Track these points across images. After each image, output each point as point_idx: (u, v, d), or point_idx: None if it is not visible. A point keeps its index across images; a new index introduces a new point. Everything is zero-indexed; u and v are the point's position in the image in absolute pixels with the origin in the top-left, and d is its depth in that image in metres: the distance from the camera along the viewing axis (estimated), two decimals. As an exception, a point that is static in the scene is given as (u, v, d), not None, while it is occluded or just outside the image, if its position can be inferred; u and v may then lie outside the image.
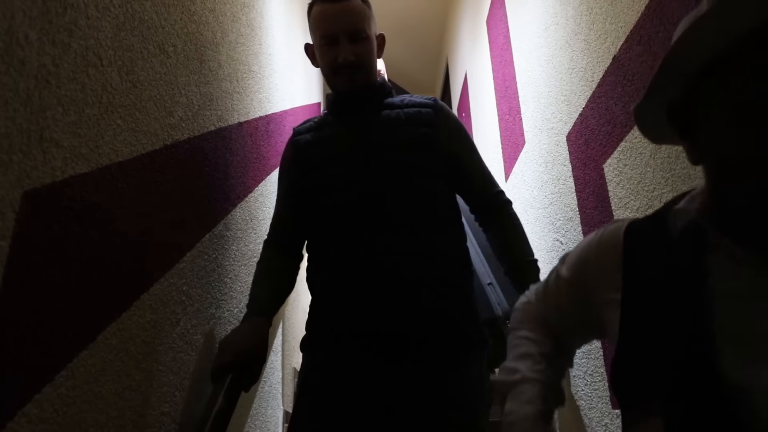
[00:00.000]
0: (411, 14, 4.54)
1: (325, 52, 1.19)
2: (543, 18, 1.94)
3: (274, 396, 1.83)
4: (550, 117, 1.89)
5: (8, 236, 0.52)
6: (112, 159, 0.73)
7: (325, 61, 1.20)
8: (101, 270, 0.69)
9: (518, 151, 2.34)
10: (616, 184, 1.40)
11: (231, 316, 1.31)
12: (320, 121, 1.27)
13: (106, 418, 0.69)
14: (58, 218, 0.61)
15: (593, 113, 1.52)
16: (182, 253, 0.99)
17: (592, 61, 1.51)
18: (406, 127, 1.17)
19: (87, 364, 0.65)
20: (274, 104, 2.02)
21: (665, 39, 1.14)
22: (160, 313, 0.87)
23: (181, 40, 1.02)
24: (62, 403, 0.60)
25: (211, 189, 1.18)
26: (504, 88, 2.58)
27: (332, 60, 1.18)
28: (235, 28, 1.47)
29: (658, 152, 1.19)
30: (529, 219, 2.17)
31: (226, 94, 1.34)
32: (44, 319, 0.57)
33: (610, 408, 1.42)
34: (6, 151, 0.53)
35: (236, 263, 1.37)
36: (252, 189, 1.57)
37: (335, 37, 1.17)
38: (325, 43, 1.18)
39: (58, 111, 0.62)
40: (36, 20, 0.58)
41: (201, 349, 1.06)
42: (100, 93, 0.71)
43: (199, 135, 1.11)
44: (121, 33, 0.78)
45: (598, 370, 1.50)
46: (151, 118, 0.87)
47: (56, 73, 0.61)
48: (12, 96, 0.54)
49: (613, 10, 1.38)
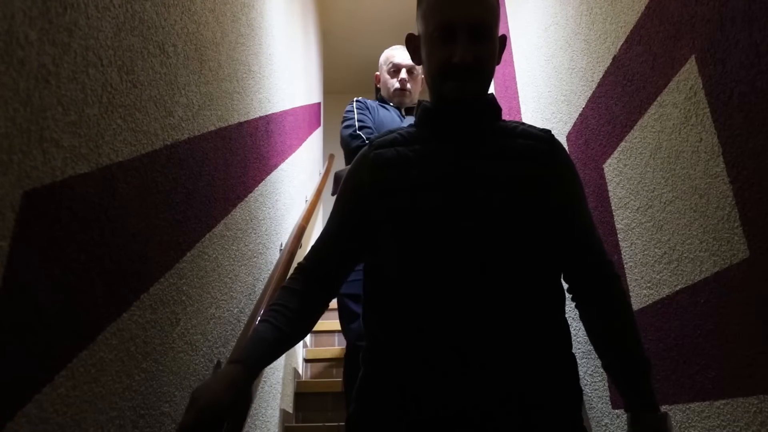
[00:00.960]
0: (411, 14, 4.53)
1: (438, 47, 0.93)
2: (543, 18, 1.94)
3: (274, 396, 1.83)
4: (550, 117, 1.89)
5: (8, 236, 0.52)
6: (112, 159, 0.73)
7: (435, 58, 0.93)
8: (101, 270, 0.69)
9: (518, 151, 2.34)
10: (616, 184, 1.40)
11: (231, 316, 1.31)
12: (408, 135, 1.00)
13: (106, 418, 0.69)
14: (58, 218, 0.61)
15: (593, 113, 1.52)
16: (182, 253, 0.99)
17: (592, 61, 1.51)
18: None
19: (87, 364, 0.65)
20: (274, 104, 2.02)
21: (665, 39, 1.14)
22: (160, 313, 0.87)
23: (181, 40, 1.02)
24: (62, 403, 0.60)
25: (211, 189, 1.18)
26: (504, 88, 2.58)
27: (445, 59, 0.92)
28: (236, 28, 1.47)
29: (658, 152, 1.19)
30: (529, 219, 2.17)
31: (226, 94, 1.34)
32: (44, 319, 0.57)
33: (610, 408, 1.42)
34: (6, 151, 0.53)
35: (236, 263, 1.37)
36: (252, 189, 1.57)
37: (453, 30, 0.91)
38: (439, 36, 0.92)
39: (58, 111, 0.62)
40: (36, 20, 0.58)
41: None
42: (100, 93, 0.71)
43: (199, 135, 1.11)
44: (121, 33, 0.78)
45: (597, 370, 1.50)
46: (151, 118, 0.87)
47: (56, 73, 0.61)
48: (12, 96, 0.54)
49: (613, 10, 1.38)
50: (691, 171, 1.07)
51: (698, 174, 1.05)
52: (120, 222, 0.75)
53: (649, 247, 1.24)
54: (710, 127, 1.01)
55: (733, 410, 0.96)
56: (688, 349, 1.09)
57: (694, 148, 1.06)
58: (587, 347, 1.55)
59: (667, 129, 1.15)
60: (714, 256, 1.01)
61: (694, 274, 1.07)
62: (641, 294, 1.27)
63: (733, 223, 0.95)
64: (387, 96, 2.18)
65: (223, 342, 1.23)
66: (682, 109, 1.10)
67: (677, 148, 1.12)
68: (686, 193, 1.09)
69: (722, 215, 0.98)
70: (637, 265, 1.29)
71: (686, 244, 1.09)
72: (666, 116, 1.16)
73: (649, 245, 1.24)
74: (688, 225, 1.09)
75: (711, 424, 1.01)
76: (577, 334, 1.53)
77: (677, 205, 1.12)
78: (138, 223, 0.80)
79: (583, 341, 1.56)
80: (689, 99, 1.07)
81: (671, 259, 1.15)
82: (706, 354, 1.03)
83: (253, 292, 1.54)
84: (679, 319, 1.12)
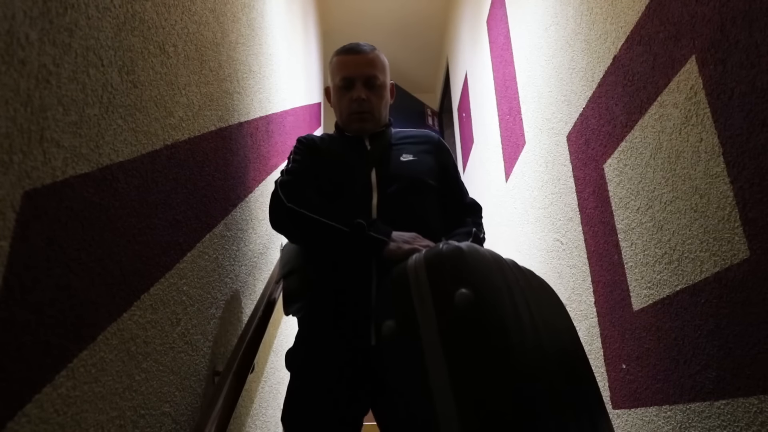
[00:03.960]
0: (411, 14, 4.54)
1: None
2: (543, 18, 1.94)
3: (274, 396, 1.83)
4: (550, 117, 1.89)
5: (8, 236, 0.52)
6: (112, 159, 0.73)
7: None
8: (101, 270, 0.69)
9: (518, 151, 2.34)
10: (617, 184, 1.40)
11: (231, 316, 1.31)
12: None
13: (106, 418, 0.69)
14: (58, 218, 0.61)
15: (594, 113, 1.52)
16: (182, 253, 0.99)
17: (593, 61, 1.51)
18: None
19: (87, 364, 0.65)
20: (274, 104, 2.02)
21: (665, 39, 1.14)
22: (161, 313, 0.87)
23: (181, 40, 1.02)
24: (62, 403, 0.60)
25: (211, 189, 1.18)
26: (504, 88, 2.58)
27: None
28: (236, 29, 1.47)
29: (658, 152, 1.19)
30: (529, 219, 2.17)
31: (227, 94, 1.34)
32: (44, 319, 0.57)
33: (610, 408, 1.42)
34: (6, 151, 0.53)
35: (236, 263, 1.37)
36: (252, 189, 1.57)
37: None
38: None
39: (59, 111, 0.62)
40: (36, 20, 0.58)
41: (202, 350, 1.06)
42: (100, 93, 0.71)
43: (200, 135, 1.11)
44: (121, 33, 0.78)
45: (598, 370, 1.50)
46: (151, 119, 0.87)
47: (57, 74, 0.61)
48: (12, 96, 0.54)
49: (614, 10, 1.38)
50: (691, 171, 1.07)
51: (699, 174, 1.05)
52: (120, 222, 0.75)
53: (649, 247, 1.24)
54: (711, 127, 1.01)
55: (733, 410, 0.96)
56: (688, 349, 1.09)
57: (694, 148, 1.06)
58: (587, 347, 1.55)
59: (668, 129, 1.15)
60: (714, 256, 1.01)
61: (694, 274, 1.07)
62: (641, 294, 1.27)
63: (734, 223, 0.95)
64: None
65: (223, 342, 1.23)
66: (682, 109, 1.10)
67: (678, 148, 1.12)
68: (687, 193, 1.09)
69: (723, 215, 0.98)
70: (637, 265, 1.29)
71: (687, 244, 1.09)
72: (666, 116, 1.16)
73: (649, 245, 1.24)
74: (688, 225, 1.09)
75: (711, 424, 1.01)
76: (577, 334, 1.52)
77: (677, 205, 1.12)
78: (138, 223, 0.80)
79: (585, 341, 1.56)
80: (690, 99, 1.07)
81: (671, 259, 1.15)
82: (706, 354, 1.03)
83: (253, 292, 1.54)
84: (680, 319, 1.12)
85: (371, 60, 1.34)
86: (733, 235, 0.95)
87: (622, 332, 1.34)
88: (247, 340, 1.26)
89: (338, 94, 1.36)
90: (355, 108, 1.32)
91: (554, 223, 1.87)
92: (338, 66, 1.35)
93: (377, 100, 1.34)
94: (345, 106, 1.34)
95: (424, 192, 1.27)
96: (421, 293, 0.89)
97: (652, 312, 1.23)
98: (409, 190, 1.25)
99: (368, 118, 1.33)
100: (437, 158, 1.36)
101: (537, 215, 2.07)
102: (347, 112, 1.34)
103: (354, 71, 1.33)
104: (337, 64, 1.36)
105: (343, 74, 1.33)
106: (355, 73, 1.32)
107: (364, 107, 1.32)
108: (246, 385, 1.21)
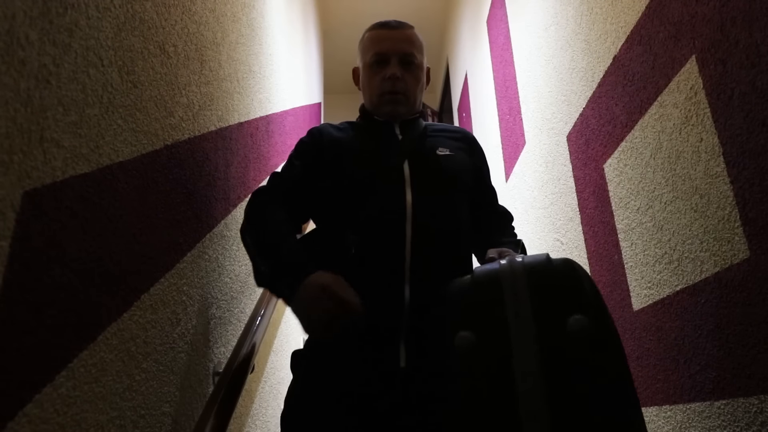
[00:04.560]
0: (411, 14, 4.53)
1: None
2: (543, 18, 1.94)
3: (274, 396, 1.83)
4: (550, 117, 1.89)
5: (8, 236, 0.52)
6: (112, 159, 0.73)
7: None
8: (101, 270, 0.69)
9: (518, 151, 2.34)
10: (617, 184, 1.40)
11: (231, 316, 1.31)
12: None
13: (106, 418, 0.69)
14: (58, 218, 0.61)
15: (594, 113, 1.52)
16: (182, 253, 0.99)
17: (593, 61, 1.51)
18: None
19: (87, 364, 0.65)
20: (274, 104, 2.02)
21: (665, 39, 1.14)
22: (161, 313, 0.87)
23: (181, 40, 1.02)
24: (63, 403, 0.60)
25: (211, 189, 1.18)
26: (504, 88, 2.58)
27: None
28: (236, 29, 1.47)
29: (658, 152, 1.19)
30: (529, 219, 2.17)
31: (227, 94, 1.34)
32: (44, 319, 0.57)
33: (610, 408, 1.42)
34: (6, 151, 0.53)
35: (236, 263, 1.37)
36: (252, 189, 1.58)
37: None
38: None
39: (59, 111, 0.62)
40: (37, 20, 0.58)
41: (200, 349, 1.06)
42: (100, 93, 0.71)
43: (200, 135, 1.11)
44: (121, 33, 0.78)
45: (598, 370, 1.50)
46: (151, 119, 0.87)
47: (57, 74, 0.61)
48: (12, 96, 0.54)
49: (614, 10, 1.38)
50: (691, 171, 1.07)
51: (699, 174, 1.05)
52: (120, 222, 0.75)
53: (649, 247, 1.24)
54: (711, 127, 1.01)
55: (733, 410, 0.96)
56: (688, 349, 1.09)
57: (694, 148, 1.06)
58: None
59: (668, 129, 1.15)
60: (714, 256, 1.01)
61: (694, 274, 1.07)
62: (641, 294, 1.27)
63: (734, 223, 0.95)
64: None
65: (223, 342, 1.23)
66: (682, 109, 1.10)
67: (678, 148, 1.12)
68: (687, 193, 1.09)
69: (723, 215, 0.98)
70: (637, 265, 1.29)
71: (687, 244, 1.09)
72: (666, 116, 1.16)
73: (649, 245, 1.24)
74: (688, 225, 1.09)
75: (711, 424, 1.01)
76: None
77: (678, 205, 1.12)
78: (138, 223, 0.80)
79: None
80: (690, 99, 1.07)
81: (672, 259, 1.15)
82: (707, 354, 1.03)
83: (253, 292, 1.54)
84: (680, 319, 1.12)
85: (409, 36, 1.19)
86: (733, 235, 0.95)
87: (622, 332, 1.34)
88: (247, 340, 1.27)
89: (369, 72, 1.19)
90: (387, 87, 1.15)
91: (554, 223, 1.87)
92: (371, 41, 1.19)
93: (413, 82, 1.18)
94: (376, 86, 1.17)
95: (463, 192, 1.14)
96: (518, 309, 0.80)
97: (652, 312, 1.23)
98: (448, 188, 1.11)
99: (402, 101, 1.16)
100: (473, 158, 1.22)
101: (537, 215, 2.07)
102: (378, 92, 1.17)
103: (389, 47, 1.17)
104: (369, 39, 1.20)
105: (376, 50, 1.17)
106: (390, 48, 1.16)
107: (398, 87, 1.15)
108: (246, 385, 1.21)
